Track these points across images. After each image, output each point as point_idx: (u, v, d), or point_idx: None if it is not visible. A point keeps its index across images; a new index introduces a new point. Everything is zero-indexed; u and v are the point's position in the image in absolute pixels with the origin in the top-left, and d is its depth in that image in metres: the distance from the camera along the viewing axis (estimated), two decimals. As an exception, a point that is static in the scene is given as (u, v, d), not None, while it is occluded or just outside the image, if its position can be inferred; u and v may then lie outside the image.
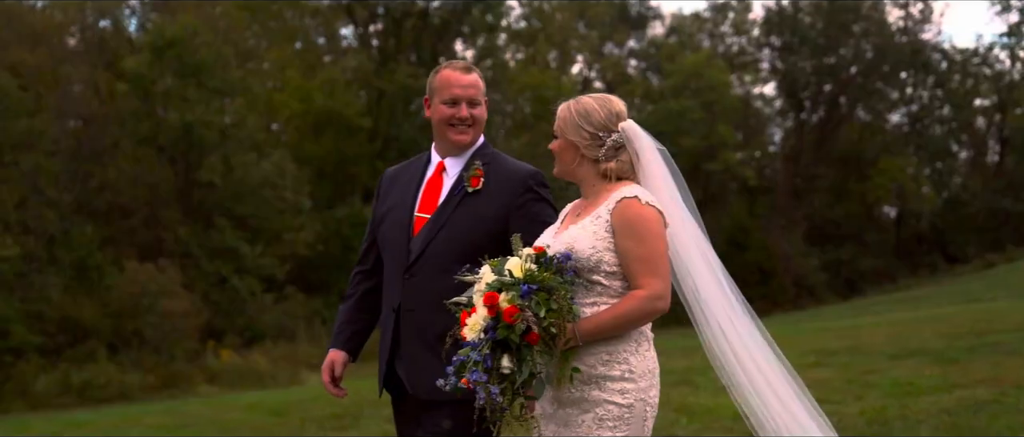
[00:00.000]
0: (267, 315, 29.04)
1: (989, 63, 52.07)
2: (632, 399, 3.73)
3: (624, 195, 3.78)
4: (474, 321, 3.63)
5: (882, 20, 51.32)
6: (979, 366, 9.19)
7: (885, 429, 6.93)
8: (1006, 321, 12.31)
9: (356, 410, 9.78)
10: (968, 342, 10.75)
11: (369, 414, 9.48)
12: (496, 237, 4.14)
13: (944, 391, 8.19)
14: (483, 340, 3.59)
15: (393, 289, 4.27)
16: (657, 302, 3.71)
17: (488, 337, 3.58)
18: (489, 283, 3.65)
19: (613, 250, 3.75)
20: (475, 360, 3.56)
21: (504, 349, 3.57)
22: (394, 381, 4.36)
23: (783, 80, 51.77)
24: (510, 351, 3.57)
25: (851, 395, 8.35)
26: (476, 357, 3.57)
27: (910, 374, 9.04)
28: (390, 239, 4.33)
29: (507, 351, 3.57)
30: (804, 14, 51.21)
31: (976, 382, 8.42)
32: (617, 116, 3.93)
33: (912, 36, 51.04)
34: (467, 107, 4.28)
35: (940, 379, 8.67)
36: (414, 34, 38.61)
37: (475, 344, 3.60)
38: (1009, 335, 11.03)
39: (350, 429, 8.80)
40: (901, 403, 7.72)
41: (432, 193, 4.33)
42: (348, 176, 36.68)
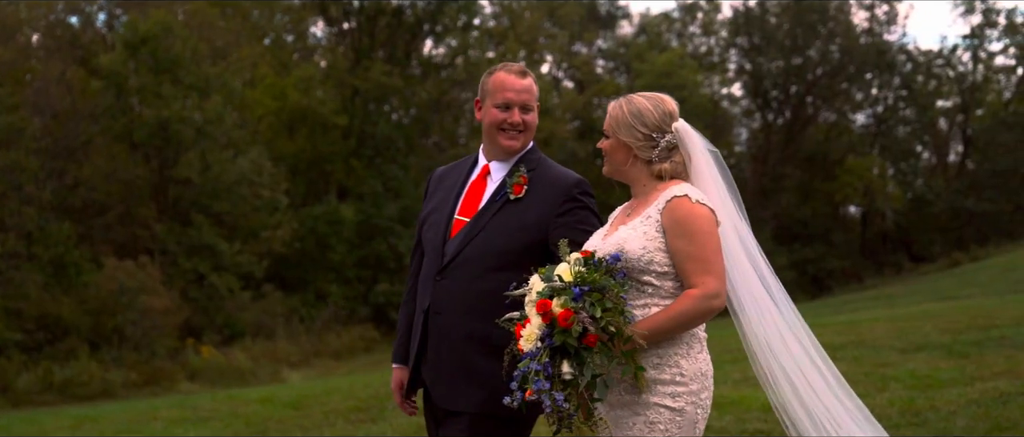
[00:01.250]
0: (246, 313, 28.95)
1: (952, 65, 52.87)
2: (683, 403, 3.70)
3: (674, 194, 3.75)
4: (529, 331, 3.60)
5: (848, 22, 51.92)
6: (992, 359, 9.42)
7: (919, 419, 7.11)
8: (1004, 316, 12.59)
9: (378, 403, 9.85)
10: (973, 336, 10.98)
11: (394, 407, 9.56)
12: (532, 247, 4.07)
13: (965, 384, 8.40)
14: (541, 348, 3.55)
15: (425, 290, 4.22)
16: (713, 301, 3.67)
17: (546, 345, 3.54)
18: (539, 291, 3.62)
19: (664, 250, 3.73)
20: (536, 369, 3.52)
21: (563, 355, 3.53)
22: (419, 383, 4.31)
23: (751, 81, 52.25)
24: (569, 356, 3.53)
25: (873, 387, 8.53)
26: (536, 366, 3.52)
27: (925, 367, 9.25)
28: (428, 240, 4.28)
29: (566, 356, 3.53)
30: (771, 15, 51.70)
31: (994, 375, 8.63)
32: (670, 116, 3.90)
33: (877, 37, 51.69)
34: (520, 112, 4.18)
35: (957, 372, 8.88)
36: (388, 32, 38.58)
37: (533, 354, 3.55)
38: (1011, 329, 11.29)
39: (378, 422, 8.86)
40: (926, 395, 7.91)
41: (474, 197, 4.26)
42: (322, 174, 36.62)
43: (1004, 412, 7.12)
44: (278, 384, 22.38)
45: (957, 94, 52.64)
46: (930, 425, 6.83)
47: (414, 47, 39.50)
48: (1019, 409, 7.18)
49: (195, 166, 30.24)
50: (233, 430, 9.10)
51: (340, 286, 32.90)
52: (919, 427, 6.81)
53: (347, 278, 33.39)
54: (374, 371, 24.55)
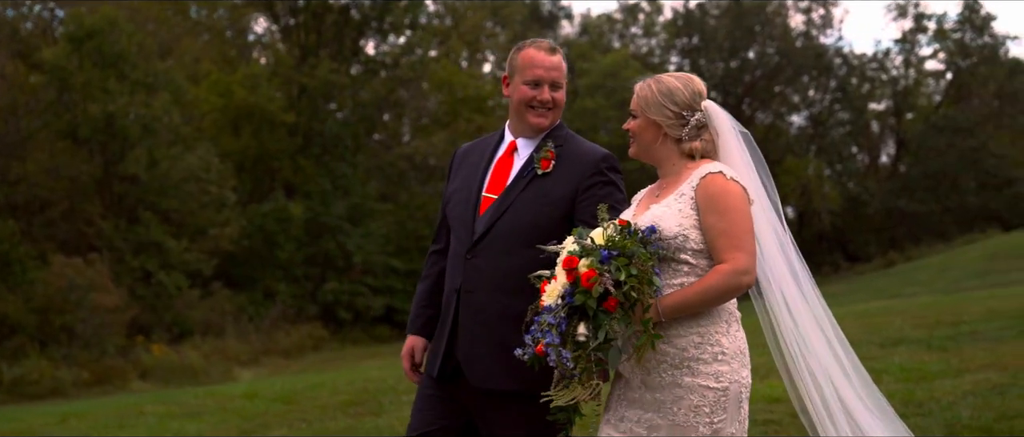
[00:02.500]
0: (194, 311, 28.66)
1: (885, 68, 54.02)
2: (727, 382, 3.65)
3: (709, 171, 3.73)
4: (553, 288, 3.57)
5: (785, 25, 52.79)
6: (972, 353, 9.72)
7: (923, 410, 7.34)
8: (969, 312, 12.96)
9: (372, 397, 9.88)
10: (945, 331, 11.31)
11: (390, 401, 9.61)
12: (562, 221, 4.03)
13: (954, 376, 8.66)
14: (560, 305, 3.52)
15: (455, 269, 4.17)
16: (743, 277, 3.63)
17: (565, 302, 3.51)
18: (570, 250, 3.60)
19: (699, 228, 3.69)
20: (550, 323, 3.50)
21: (581, 316, 3.50)
22: (450, 365, 4.16)
23: (691, 81, 52.90)
24: (587, 319, 3.49)
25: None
26: (551, 320, 3.50)
27: (911, 361, 9.51)
28: (456, 218, 4.22)
29: (584, 318, 3.50)
30: (711, 17, 52.38)
31: (981, 367, 8.92)
32: (699, 95, 3.88)
33: (813, 41, 52.63)
34: (550, 90, 4.14)
35: (943, 365, 9.15)
36: (334, 29, 38.39)
37: (551, 308, 3.53)
38: (981, 324, 11.65)
39: (381, 415, 8.89)
40: (922, 387, 8.16)
41: (501, 173, 4.20)
42: (268, 171, 36.35)
43: (1004, 402, 7.39)
44: (231, 382, 22.22)
45: (890, 97, 53.83)
46: (936, 415, 7.05)
47: (362, 45, 39.36)
48: (1019, 399, 7.44)
49: (142, 162, 29.86)
50: (229, 425, 9.07)
51: (288, 284, 32.70)
52: (925, 417, 7.02)
53: (295, 276, 33.19)
54: (327, 370, 24.45)
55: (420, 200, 37.02)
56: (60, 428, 9.63)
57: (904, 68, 54.40)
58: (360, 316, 33.67)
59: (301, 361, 28.51)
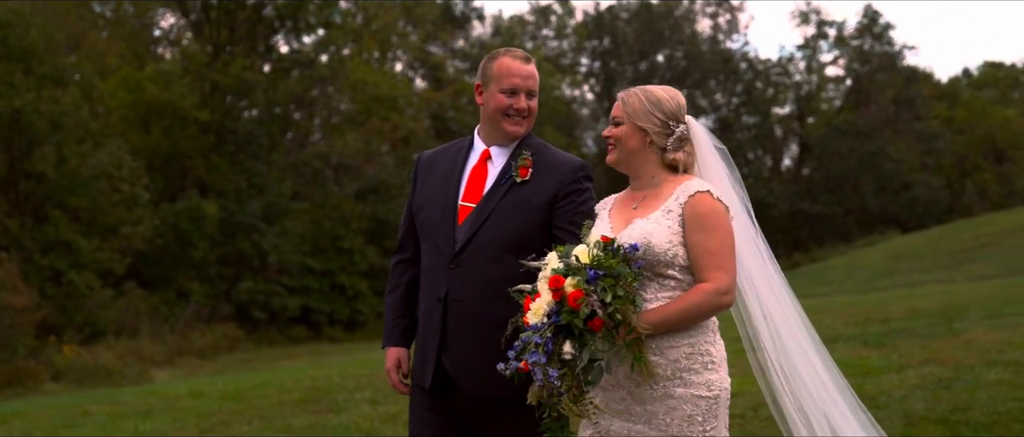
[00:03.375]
0: (107, 311, 28.04)
1: (789, 73, 55.34)
2: (717, 390, 3.71)
3: (697, 189, 3.75)
4: (537, 306, 3.56)
5: (693, 29, 53.74)
6: (909, 349, 10.11)
7: (877, 403, 7.63)
8: (894, 311, 13.45)
9: (325, 395, 9.88)
10: (877, 328, 11.72)
11: (344, 399, 9.62)
12: (543, 227, 4.06)
13: (897, 371, 9.01)
14: (545, 324, 3.51)
15: (437, 279, 4.13)
16: (723, 296, 3.67)
17: (551, 321, 3.50)
18: (554, 268, 3.59)
19: (685, 244, 3.72)
20: (536, 342, 3.49)
21: (566, 334, 3.50)
22: (440, 376, 4.14)
23: (601, 84, 53.49)
24: (572, 337, 3.50)
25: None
26: (537, 340, 3.49)
27: (853, 357, 9.86)
28: (432, 227, 4.19)
29: (569, 336, 3.50)
30: (621, 21, 53.03)
31: (920, 363, 9.29)
32: (682, 108, 3.90)
33: (720, 45, 53.66)
34: (526, 98, 4.13)
35: (884, 360, 9.50)
36: (247, 26, 37.90)
37: (537, 327, 3.52)
38: (909, 322, 12.10)
39: (340, 413, 8.91)
40: (870, 382, 8.47)
41: (477, 181, 4.18)
42: (181, 169, 35.75)
43: (953, 395, 7.73)
44: (147, 383, 21.86)
45: (793, 101, 55.17)
46: (892, 408, 7.34)
47: (276, 43, 38.93)
48: (965, 392, 7.80)
49: (50, 160, 29.11)
50: (186, 424, 8.98)
51: (202, 284, 32.21)
52: (882, 410, 7.30)
53: (209, 276, 32.72)
54: (244, 370, 24.18)
55: (336, 200, 36.79)
56: (4, 428, 9.41)
57: (807, 73, 55.85)
58: (276, 316, 33.34)
59: (216, 362, 28.12)
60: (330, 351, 28.64)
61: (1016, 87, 65.81)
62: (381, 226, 36.34)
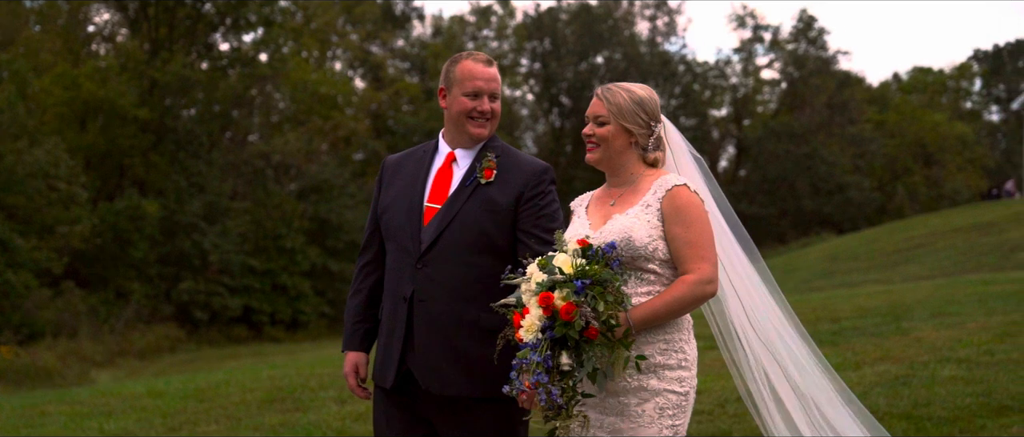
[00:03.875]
0: (45, 311, 27.59)
1: (725, 76, 56.07)
2: (688, 387, 3.78)
3: (674, 183, 3.80)
4: (530, 322, 3.58)
5: (632, 31, 54.20)
6: (863, 347, 10.34)
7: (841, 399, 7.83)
8: (841, 309, 13.73)
9: (289, 394, 9.85)
10: (827, 327, 11.96)
11: (309, 398, 9.61)
12: (507, 228, 4.11)
13: (854, 368, 9.23)
14: (542, 340, 3.54)
15: (403, 279, 4.16)
16: (707, 286, 3.73)
17: (547, 337, 3.53)
18: (540, 283, 3.61)
19: (665, 238, 3.78)
20: (537, 361, 3.52)
21: (562, 346, 3.55)
22: (401, 374, 4.17)
23: (541, 84, 53.71)
24: (568, 348, 3.54)
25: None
26: (537, 358, 3.52)
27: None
28: (398, 228, 4.22)
29: (565, 348, 3.55)
30: (562, 22, 53.31)
31: (875, 360, 9.52)
32: (659, 108, 3.97)
33: (658, 48, 54.19)
34: (489, 101, 4.18)
35: (839, 358, 9.71)
36: (187, 24, 37.51)
37: (534, 345, 3.55)
38: (858, 321, 12.36)
39: (308, 411, 8.91)
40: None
41: (442, 183, 4.22)
42: (118, 168, 35.27)
43: (912, 391, 7.95)
44: (88, 384, 21.56)
45: (730, 104, 55.92)
46: (854, 405, 7.54)
47: (216, 41, 38.56)
48: (924, 388, 8.03)
49: (-15, 157, 28.61)
50: (153, 423, 8.92)
51: (142, 284, 31.81)
52: (847, 405, 7.50)
53: (149, 276, 32.32)
54: (186, 370, 23.96)
55: (277, 199, 36.55)
56: (-41, 431, 9.27)
57: (743, 76, 56.65)
58: (217, 316, 33.04)
59: (157, 362, 27.84)
60: (273, 351, 28.49)
61: (944, 92, 67.40)
62: (323, 226, 36.19)
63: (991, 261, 25.09)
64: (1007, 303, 13.20)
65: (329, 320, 35.73)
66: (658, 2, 54.61)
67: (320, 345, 28.90)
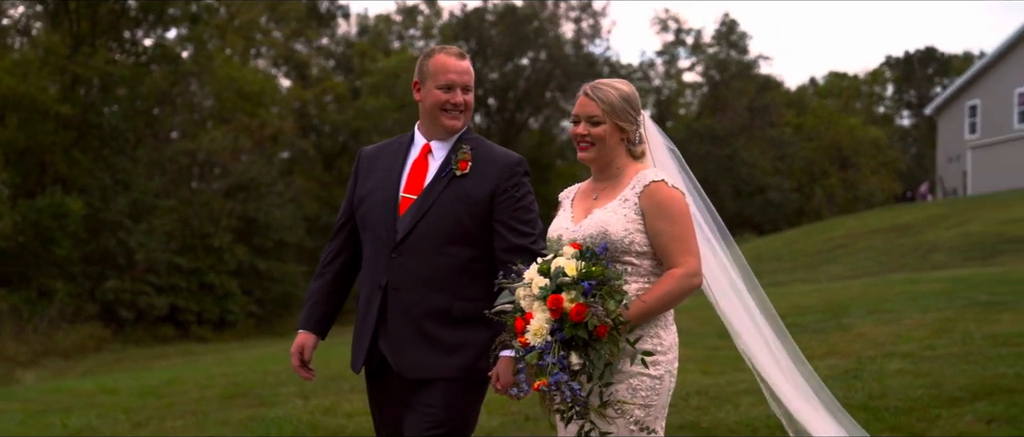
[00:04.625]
0: (-35, 311, 27.00)
1: (649, 78, 56.78)
2: (662, 370, 3.88)
3: (652, 179, 3.91)
4: (537, 326, 3.67)
5: (557, 33, 54.57)
6: (807, 342, 10.64)
7: (796, 391, 8.13)
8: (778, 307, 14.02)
9: (247, 390, 9.88)
10: (771, 324, 12.34)
11: (269, 393, 9.66)
12: (482, 219, 4.23)
13: (800, 364, 9.58)
14: (552, 342, 3.63)
15: (378, 268, 4.29)
16: (693, 279, 3.86)
17: (557, 338, 3.63)
18: (543, 287, 3.70)
19: (643, 231, 3.87)
20: (552, 363, 3.61)
21: (569, 347, 3.64)
22: (375, 359, 4.33)
23: (467, 85, 53.83)
24: (577, 348, 3.64)
25: (730, 367, 9.57)
26: (552, 360, 3.61)
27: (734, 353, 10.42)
28: (373, 219, 4.34)
29: (573, 348, 3.64)
30: (488, 24, 53.48)
31: (824, 355, 9.87)
32: (639, 101, 4.08)
33: (582, 50, 54.66)
34: (462, 93, 4.29)
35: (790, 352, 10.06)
36: (110, 18, 36.84)
37: (545, 348, 3.64)
38: (797, 317, 12.70)
39: (272, 407, 8.96)
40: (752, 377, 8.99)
41: (418, 175, 4.33)
42: (39, 164, 34.51)
43: (864, 384, 8.29)
44: (14, 384, 21.20)
45: (653, 106, 56.61)
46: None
47: (140, 36, 37.94)
48: (874, 381, 8.38)
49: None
50: (116, 419, 8.90)
51: (66, 283, 31.21)
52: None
53: (73, 274, 31.72)
54: (114, 370, 23.63)
55: (204, 197, 36.13)
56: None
57: (666, 79, 57.43)
58: (143, 315, 32.56)
59: (83, 362, 27.37)
60: (202, 351, 28.19)
61: (858, 97, 69.07)
62: (251, 224, 35.88)
63: (911, 262, 25.81)
64: (937, 301, 13.72)
65: (257, 319, 35.48)
66: (583, 4, 55.05)
67: (248, 345, 28.67)
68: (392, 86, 44.44)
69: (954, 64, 67.48)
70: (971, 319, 11.90)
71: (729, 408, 7.95)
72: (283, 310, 36.40)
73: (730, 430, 7.27)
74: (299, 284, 36.65)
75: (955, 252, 26.03)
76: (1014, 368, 8.68)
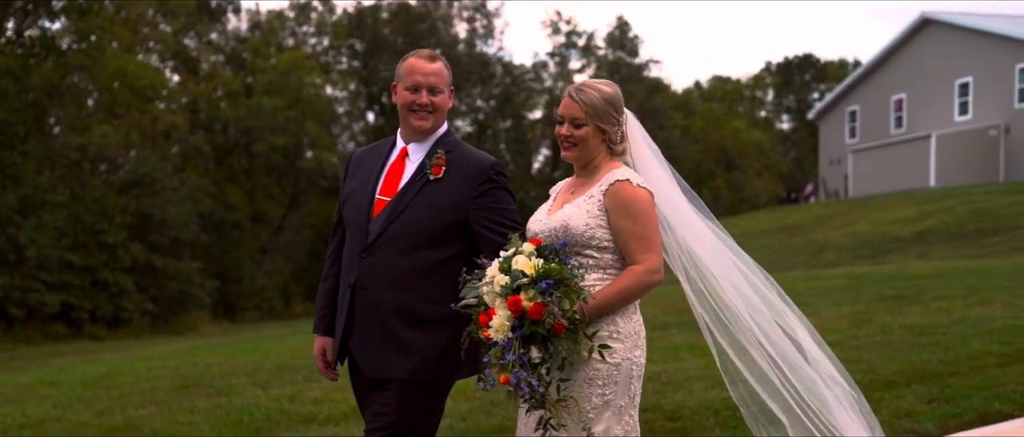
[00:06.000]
0: None
1: (540, 79, 57.46)
2: (619, 359, 3.96)
3: (617, 178, 4.03)
4: (499, 323, 3.79)
5: (452, 33, 54.82)
6: (738, 333, 11.27)
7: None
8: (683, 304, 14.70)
9: (199, 381, 9.90)
10: (689, 317, 12.82)
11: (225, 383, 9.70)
12: (454, 224, 4.32)
13: (738, 352, 10.09)
14: (513, 339, 3.77)
15: (350, 266, 4.43)
16: (654, 276, 3.98)
17: (517, 335, 3.76)
18: (504, 285, 3.82)
19: (605, 227, 4.01)
20: (512, 360, 3.75)
21: (531, 342, 3.78)
22: (346, 355, 4.52)
23: (360, 82, 53.63)
24: (537, 343, 3.78)
25: (672, 356, 10.02)
26: (513, 357, 3.75)
27: (698, 341, 10.91)
28: (351, 219, 4.48)
29: (534, 343, 3.78)
30: (382, 22, 53.40)
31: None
32: (623, 101, 4.23)
33: (475, 50, 54.99)
34: (427, 94, 4.38)
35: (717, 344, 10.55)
36: (-4, 8, 35.76)
37: (506, 344, 3.78)
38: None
39: (230, 395, 9.04)
40: (700, 364, 9.47)
41: (394, 177, 4.44)
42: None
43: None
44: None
45: (545, 106, 57.32)
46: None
47: (26, 28, 36.84)
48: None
49: None
50: (71, 408, 8.87)
51: (-50, 280, 30.28)
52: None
53: (-42, 271, 30.77)
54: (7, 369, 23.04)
55: (97, 193, 35.33)
56: None
57: (557, 80, 58.17)
58: (34, 313, 31.69)
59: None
60: (96, 349, 27.64)
61: (740, 100, 71.01)
62: (146, 221, 35.24)
63: (804, 260, 26.84)
64: (846, 296, 14.45)
65: (152, 317, 34.88)
66: (477, 4, 55.41)
67: (144, 343, 28.25)
68: (285, 84, 44.05)
69: (830, 70, 69.90)
70: (884, 312, 12.63)
71: (684, 393, 8.36)
72: (179, 308, 35.85)
73: (693, 412, 7.67)
74: (194, 281, 36.18)
75: (844, 251, 27.17)
76: (937, 355, 9.34)
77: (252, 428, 7.78)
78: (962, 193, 32.86)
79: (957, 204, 30.23)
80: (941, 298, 13.57)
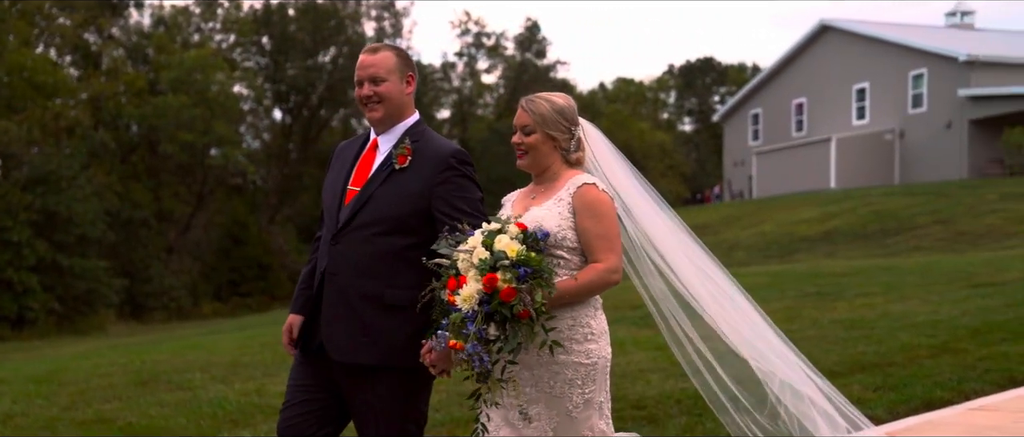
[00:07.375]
0: None
1: (449, 79, 57.70)
2: (595, 357, 4.16)
3: (584, 181, 4.20)
4: (468, 293, 3.88)
5: (359, 31, 54.70)
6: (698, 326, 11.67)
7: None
8: (626, 299, 15.01)
9: (159, 377, 9.91)
10: (630, 313, 13.11)
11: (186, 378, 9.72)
12: (420, 212, 4.43)
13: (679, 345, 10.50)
14: (477, 311, 3.86)
15: (322, 254, 4.55)
16: (613, 275, 4.16)
17: (483, 310, 3.84)
18: (483, 260, 3.91)
19: (574, 228, 4.16)
20: (472, 332, 3.84)
21: (491, 319, 3.86)
22: (316, 340, 4.62)
23: (267, 79, 53.17)
24: (498, 321, 3.86)
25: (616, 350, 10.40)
26: (473, 328, 3.84)
27: (637, 336, 11.31)
28: (326, 208, 4.64)
29: (495, 321, 3.86)
30: (290, 19, 53.04)
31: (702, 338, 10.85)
32: (577, 113, 4.37)
33: (386, 49, 54.92)
34: (370, 85, 4.48)
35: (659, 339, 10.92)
36: None
37: (469, 316, 3.87)
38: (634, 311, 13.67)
39: (198, 390, 9.10)
40: (648, 356, 9.87)
41: (364, 168, 4.56)
42: None
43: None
44: None
45: (453, 106, 57.60)
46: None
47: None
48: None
49: None
50: (33, 403, 8.86)
51: None
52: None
53: None
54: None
55: (0, 189, 34.45)
56: None
57: (465, 80, 58.50)
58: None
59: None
60: (1, 349, 27.03)
61: (644, 102, 72.23)
62: (51, 218, 34.50)
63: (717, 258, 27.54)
64: (769, 293, 14.99)
65: (58, 317, 34.11)
66: (385, 3, 55.39)
67: (52, 343, 27.70)
68: (191, 82, 43.47)
69: (731, 74, 71.57)
70: (811, 307, 13.21)
71: (643, 384, 8.72)
72: (86, 307, 35.13)
73: (656, 402, 8.02)
74: (102, 280, 35.50)
75: (754, 250, 27.99)
76: (871, 347, 9.88)
77: (227, 419, 7.90)
78: (861, 194, 34.01)
79: (858, 205, 31.32)
80: (862, 294, 14.22)
